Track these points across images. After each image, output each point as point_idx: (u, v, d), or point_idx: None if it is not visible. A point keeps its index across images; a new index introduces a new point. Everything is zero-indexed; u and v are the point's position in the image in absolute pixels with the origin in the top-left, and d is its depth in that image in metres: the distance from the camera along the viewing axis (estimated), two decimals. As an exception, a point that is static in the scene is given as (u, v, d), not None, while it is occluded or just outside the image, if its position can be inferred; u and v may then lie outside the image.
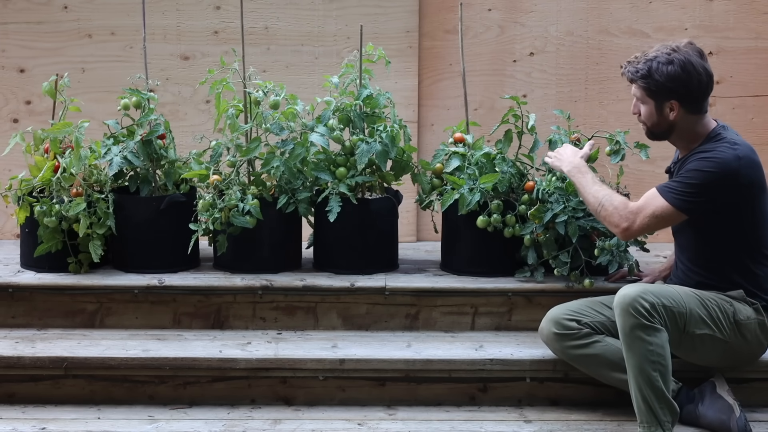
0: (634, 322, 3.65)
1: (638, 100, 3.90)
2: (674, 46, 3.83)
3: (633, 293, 3.68)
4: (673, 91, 3.80)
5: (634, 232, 3.82)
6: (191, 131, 4.96)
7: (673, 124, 3.85)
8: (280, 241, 4.46)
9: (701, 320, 3.75)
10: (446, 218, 4.51)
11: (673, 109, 3.83)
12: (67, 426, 3.86)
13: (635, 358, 3.66)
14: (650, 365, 3.64)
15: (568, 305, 3.95)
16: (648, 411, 3.65)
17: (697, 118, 3.86)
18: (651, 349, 3.64)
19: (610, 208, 3.84)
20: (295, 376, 4.05)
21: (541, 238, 4.30)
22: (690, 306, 3.74)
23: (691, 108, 3.83)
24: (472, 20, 5.11)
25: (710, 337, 3.78)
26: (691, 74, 3.79)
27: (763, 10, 5.18)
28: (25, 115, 5.13)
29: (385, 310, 4.35)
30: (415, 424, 3.91)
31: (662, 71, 3.79)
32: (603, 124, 5.07)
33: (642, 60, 3.84)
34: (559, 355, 3.95)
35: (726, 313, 3.79)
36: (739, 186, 3.74)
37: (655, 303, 3.67)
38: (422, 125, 5.21)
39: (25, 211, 4.39)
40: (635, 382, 3.67)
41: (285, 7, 5.12)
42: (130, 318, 4.34)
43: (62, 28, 5.09)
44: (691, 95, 3.81)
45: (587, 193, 3.93)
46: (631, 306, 3.65)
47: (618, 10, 5.17)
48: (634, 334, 3.65)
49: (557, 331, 3.89)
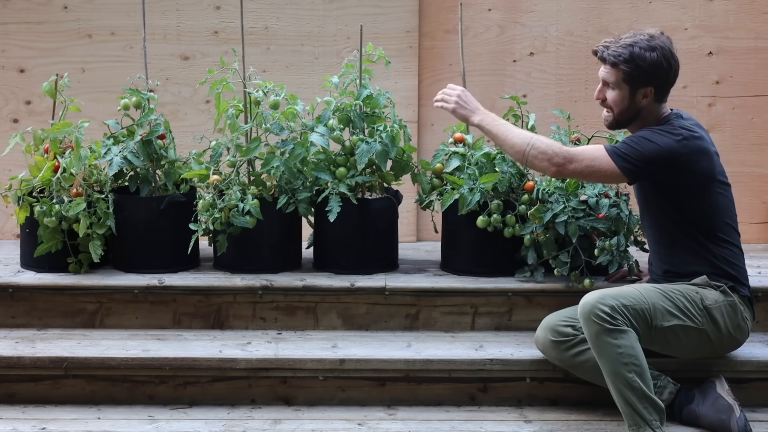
0: (598, 328, 3.66)
1: (607, 85, 3.88)
2: (650, 33, 3.85)
3: (592, 300, 3.69)
4: (653, 77, 3.82)
5: (567, 172, 3.81)
6: (191, 131, 4.96)
7: (640, 110, 3.87)
8: (280, 241, 4.46)
9: (667, 312, 3.76)
10: (446, 218, 4.51)
11: (647, 96, 3.85)
12: (67, 426, 3.86)
13: (608, 363, 3.66)
14: (624, 367, 3.65)
15: (563, 312, 3.96)
16: (632, 413, 3.65)
17: (661, 105, 3.90)
18: (621, 351, 3.65)
19: (542, 146, 3.82)
20: (295, 376, 4.05)
21: (541, 238, 4.31)
22: (652, 301, 3.75)
23: (661, 95, 3.87)
24: (472, 20, 5.11)
25: (681, 328, 3.78)
26: (671, 62, 3.83)
27: (763, 10, 5.18)
28: (25, 115, 5.13)
29: (385, 310, 4.35)
30: (415, 424, 3.91)
31: (645, 57, 3.80)
32: (602, 124, 5.05)
33: (621, 44, 3.83)
34: (557, 362, 3.95)
35: (693, 300, 3.80)
36: (679, 167, 3.76)
37: (615, 305, 3.68)
38: (422, 125, 5.21)
39: (25, 211, 4.39)
40: (614, 387, 3.68)
41: (285, 7, 5.12)
42: (130, 318, 4.34)
43: (62, 28, 5.09)
44: (667, 83, 3.86)
45: (510, 136, 3.87)
46: (591, 313, 3.67)
47: (618, 10, 5.17)
48: (600, 340, 3.66)
49: (553, 338, 3.89)
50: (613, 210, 4.27)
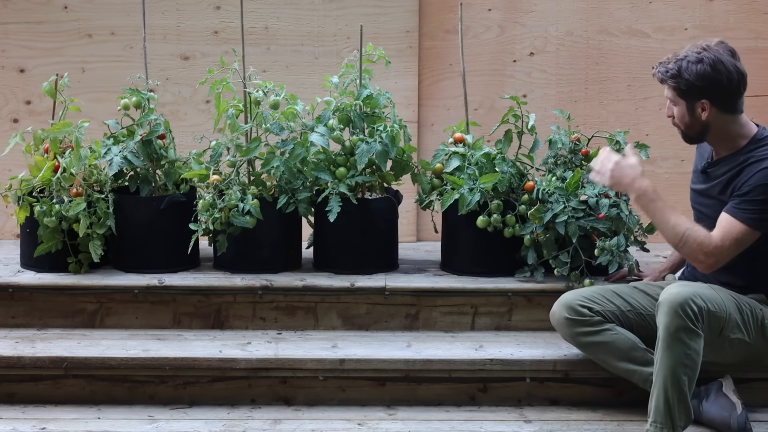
0: (681, 323, 3.60)
1: (671, 102, 3.85)
2: (705, 45, 3.79)
3: (686, 293, 3.61)
4: (703, 89, 3.76)
5: (720, 263, 3.75)
6: (191, 131, 4.96)
7: (706, 124, 3.81)
8: (280, 241, 4.46)
9: (737, 325, 3.74)
10: (446, 218, 4.51)
11: (705, 108, 3.79)
12: (67, 426, 3.86)
13: (671, 358, 3.61)
14: (683, 369, 3.61)
15: (581, 291, 3.94)
16: (666, 412, 3.63)
17: (732, 118, 3.82)
18: (688, 354, 3.61)
19: (693, 245, 3.72)
20: (295, 376, 4.05)
21: (541, 238, 4.31)
22: (730, 311, 3.72)
23: (723, 107, 3.79)
24: (472, 20, 5.11)
25: (741, 341, 3.77)
26: (721, 72, 3.75)
27: (763, 10, 5.18)
28: (25, 115, 5.13)
29: (385, 310, 4.35)
30: (415, 424, 3.91)
31: (692, 70, 3.74)
32: (603, 124, 5.07)
33: (672, 60, 3.80)
34: (568, 340, 3.94)
35: (756, 316, 3.79)
36: None
37: (703, 307, 3.63)
38: (422, 125, 5.21)
39: (25, 211, 4.39)
40: (663, 382, 3.63)
41: (285, 7, 5.12)
42: (130, 318, 4.34)
43: (62, 28, 5.09)
44: (721, 94, 3.77)
45: (665, 226, 3.75)
46: (680, 307, 3.60)
47: (618, 10, 5.17)
48: (677, 335, 3.60)
49: (569, 316, 3.88)
50: (613, 210, 4.27)
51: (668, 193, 4.98)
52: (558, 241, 4.33)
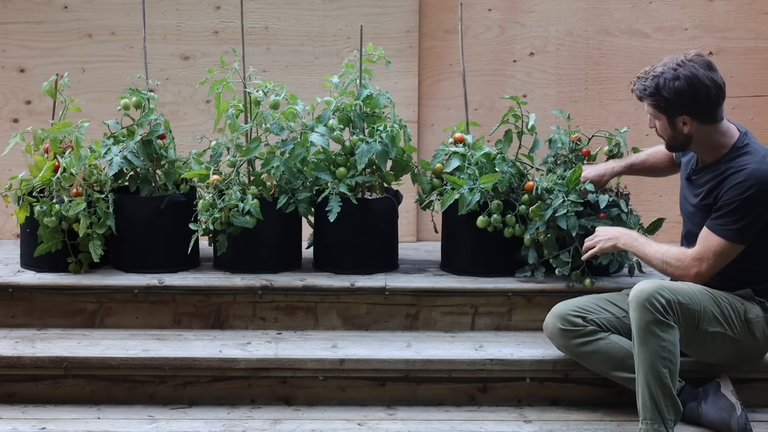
0: (650, 317, 3.65)
1: (652, 116, 3.87)
2: (681, 59, 3.77)
3: (650, 288, 3.67)
4: (682, 106, 3.77)
5: (704, 275, 3.79)
6: (191, 131, 4.96)
7: (689, 136, 3.83)
8: (280, 241, 4.46)
9: (714, 318, 3.76)
10: (446, 218, 4.51)
11: (686, 123, 3.80)
12: (67, 426, 3.86)
13: (647, 353, 3.65)
14: (661, 361, 3.64)
15: (574, 301, 3.96)
16: (653, 408, 3.65)
17: (714, 127, 3.83)
18: (663, 345, 3.65)
19: (675, 263, 3.83)
20: (295, 376, 4.05)
21: (542, 237, 4.31)
22: (704, 304, 3.75)
23: (703, 119, 3.80)
24: (472, 20, 5.11)
25: (722, 335, 3.79)
26: (699, 88, 3.74)
27: (763, 10, 5.18)
28: (25, 115, 5.13)
29: (385, 310, 4.35)
30: (415, 424, 3.91)
31: (669, 87, 3.75)
32: (603, 124, 5.07)
33: (650, 76, 3.80)
34: (563, 351, 3.95)
35: (738, 311, 3.80)
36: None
37: (671, 299, 3.67)
38: (422, 125, 5.21)
39: (25, 211, 4.39)
40: (644, 378, 3.66)
41: (285, 7, 5.12)
42: (130, 318, 4.34)
43: (62, 28, 5.09)
44: (700, 109, 3.78)
45: (650, 258, 3.90)
46: (647, 301, 3.65)
47: (618, 10, 5.17)
48: (648, 329, 3.65)
49: (563, 326, 3.89)
50: (614, 209, 4.27)
51: (668, 194, 5.01)
52: (559, 241, 4.33)
